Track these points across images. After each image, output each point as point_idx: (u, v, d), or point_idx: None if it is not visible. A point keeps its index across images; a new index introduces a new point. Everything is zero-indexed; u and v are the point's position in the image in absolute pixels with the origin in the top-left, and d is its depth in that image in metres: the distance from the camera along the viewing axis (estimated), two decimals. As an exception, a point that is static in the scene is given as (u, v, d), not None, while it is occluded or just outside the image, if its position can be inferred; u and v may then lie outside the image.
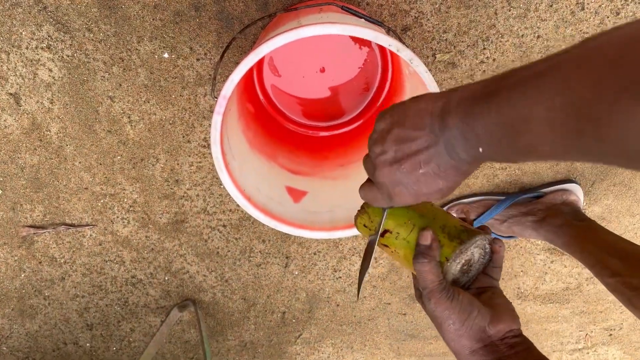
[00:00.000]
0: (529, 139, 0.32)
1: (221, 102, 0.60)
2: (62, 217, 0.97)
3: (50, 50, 0.81)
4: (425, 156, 0.40)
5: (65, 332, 1.12)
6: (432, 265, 0.46)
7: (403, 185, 0.43)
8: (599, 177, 1.00)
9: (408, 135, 0.41)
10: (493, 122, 0.34)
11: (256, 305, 1.11)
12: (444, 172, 0.40)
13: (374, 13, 0.81)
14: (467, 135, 0.37)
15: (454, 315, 0.45)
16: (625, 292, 0.74)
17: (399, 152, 0.42)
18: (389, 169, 0.43)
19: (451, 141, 0.38)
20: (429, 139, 0.40)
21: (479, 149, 0.36)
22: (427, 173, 0.41)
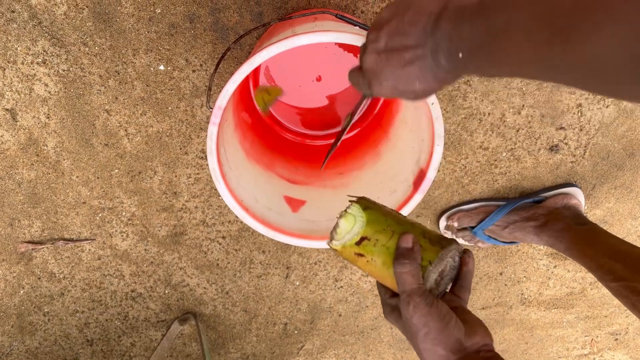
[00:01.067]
0: (504, 44, 0.33)
1: (216, 112, 0.59)
2: (60, 232, 0.96)
3: (46, 65, 0.81)
4: (411, 54, 0.42)
5: (66, 348, 1.11)
6: (413, 268, 0.45)
7: (384, 76, 0.45)
8: (600, 181, 0.99)
9: (403, 30, 0.43)
10: (478, 27, 0.36)
11: (257, 317, 1.10)
12: (422, 75, 0.42)
13: (369, 21, 0.81)
14: (453, 39, 0.38)
15: (432, 322, 0.43)
16: (630, 296, 0.73)
17: (390, 44, 0.44)
18: (376, 57, 0.45)
19: (437, 44, 0.40)
20: (419, 38, 0.41)
21: (459, 54, 0.38)
22: (408, 71, 0.43)
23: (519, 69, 0.34)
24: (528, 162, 0.96)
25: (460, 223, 0.98)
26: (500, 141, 0.94)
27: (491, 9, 0.35)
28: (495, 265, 1.08)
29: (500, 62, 0.35)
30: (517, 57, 0.33)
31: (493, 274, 1.09)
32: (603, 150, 0.96)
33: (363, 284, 1.08)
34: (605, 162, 0.98)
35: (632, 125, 0.94)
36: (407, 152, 0.73)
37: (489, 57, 0.35)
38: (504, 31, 0.33)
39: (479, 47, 0.36)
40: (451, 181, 0.97)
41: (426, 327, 0.44)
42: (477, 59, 0.37)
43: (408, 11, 0.43)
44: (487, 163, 0.96)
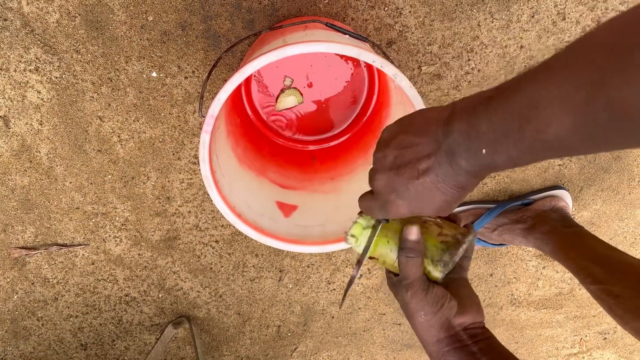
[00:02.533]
0: (537, 123, 0.31)
1: (209, 121, 0.60)
2: (53, 238, 0.97)
3: (39, 72, 0.82)
4: (426, 164, 0.39)
5: (60, 352, 1.11)
6: (418, 261, 0.47)
7: (399, 193, 0.42)
8: (587, 183, 1.01)
9: (411, 141, 0.40)
10: (499, 116, 0.33)
11: (251, 320, 1.11)
12: (442, 184, 0.39)
13: (359, 28, 0.83)
14: (471, 137, 0.36)
15: (427, 307, 0.47)
16: (607, 299, 0.75)
17: (400, 158, 0.41)
18: (387, 174, 0.42)
19: (453, 148, 0.37)
20: (431, 146, 0.39)
21: (482, 150, 0.35)
22: (425, 183, 0.40)
23: (559, 143, 0.31)
24: (517, 166, 0.98)
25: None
26: (489, 145, 0.95)
27: (510, 92, 0.33)
28: (486, 267, 1.09)
29: (536, 142, 0.32)
30: (556, 128, 0.30)
31: (483, 275, 1.10)
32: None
33: (355, 287, 1.09)
34: (592, 165, 1.00)
35: (618, 128, 0.96)
36: (397, 157, 0.74)
37: (520, 142, 0.32)
38: (532, 107, 0.31)
39: (505, 134, 0.33)
40: (441, 184, 0.98)
41: (422, 310, 0.47)
42: (505, 148, 0.34)
43: (413, 124, 0.41)
44: (477, 166, 0.97)
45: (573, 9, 0.84)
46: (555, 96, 0.30)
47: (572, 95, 0.29)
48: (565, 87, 0.29)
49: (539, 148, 0.32)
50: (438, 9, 0.82)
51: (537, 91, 0.31)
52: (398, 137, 0.42)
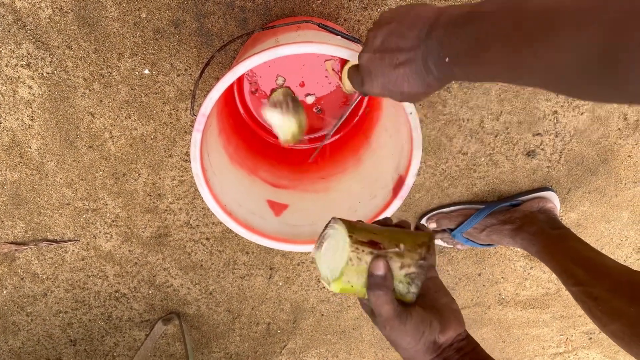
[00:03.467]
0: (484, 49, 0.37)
1: (200, 120, 0.60)
2: (43, 233, 0.97)
3: (30, 67, 0.81)
4: (404, 56, 0.44)
5: (49, 348, 1.11)
6: (388, 297, 0.47)
7: (375, 74, 0.47)
8: (575, 185, 1.03)
9: (400, 32, 0.45)
10: (465, 33, 0.39)
11: (241, 317, 1.12)
12: (412, 78, 0.44)
13: (351, 28, 0.83)
14: (443, 44, 0.41)
15: (408, 337, 0.46)
16: (587, 301, 0.76)
17: (386, 43, 0.46)
18: (372, 55, 0.47)
19: (429, 49, 0.42)
20: (413, 42, 0.43)
21: (446, 59, 0.40)
22: (399, 72, 0.45)
23: (496, 72, 0.37)
24: (506, 167, 0.99)
25: (439, 225, 1.00)
26: (479, 146, 0.96)
27: (477, 18, 0.38)
28: (474, 267, 1.10)
29: (481, 65, 0.38)
30: (495, 61, 0.36)
31: (472, 275, 1.11)
32: (578, 156, 0.99)
33: (345, 285, 1.10)
34: (580, 167, 1.01)
35: (605, 132, 0.97)
36: (387, 158, 0.75)
37: (472, 61, 0.39)
38: (485, 37, 0.37)
39: (464, 51, 0.39)
40: (431, 185, 0.99)
41: (403, 341, 0.47)
42: (462, 63, 0.40)
43: (407, 16, 0.45)
44: (466, 167, 0.98)
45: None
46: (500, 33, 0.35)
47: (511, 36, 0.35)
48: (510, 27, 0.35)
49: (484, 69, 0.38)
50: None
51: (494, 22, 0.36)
52: (392, 24, 0.46)
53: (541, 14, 0.32)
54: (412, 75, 0.44)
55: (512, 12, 0.35)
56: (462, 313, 0.52)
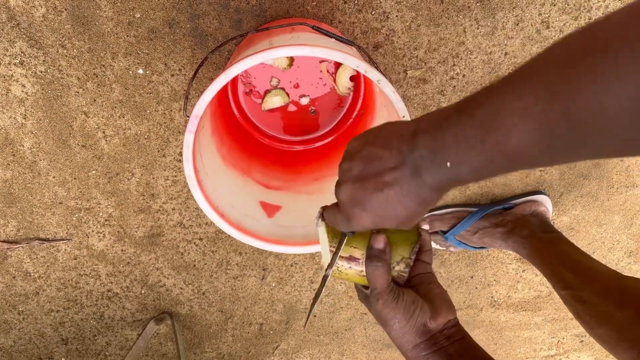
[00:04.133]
0: (498, 134, 0.32)
1: (193, 121, 0.60)
2: (36, 232, 0.96)
3: (24, 66, 0.81)
4: (390, 177, 0.40)
5: (40, 346, 1.10)
6: (384, 269, 0.48)
7: (362, 205, 0.42)
8: (567, 189, 1.03)
9: (376, 154, 0.41)
10: (463, 128, 0.34)
11: (233, 318, 1.12)
12: (405, 198, 0.40)
13: (346, 31, 0.83)
14: (435, 150, 0.36)
15: (399, 314, 0.47)
16: (575, 305, 0.76)
17: (365, 171, 0.41)
18: (352, 186, 0.42)
19: (418, 162, 0.38)
20: (397, 160, 0.39)
21: (447, 163, 0.35)
22: (388, 196, 0.40)
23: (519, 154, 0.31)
24: (499, 170, 0.99)
25: (432, 227, 1.01)
26: (472, 149, 0.96)
27: (474, 104, 0.34)
28: (467, 269, 1.11)
29: (496, 153, 0.32)
30: (516, 140, 0.31)
31: (464, 278, 1.12)
32: (570, 160, 1.00)
33: (338, 286, 1.10)
34: (572, 171, 1.01)
35: (598, 136, 0.98)
36: (380, 161, 0.75)
37: (483, 153, 0.33)
38: (494, 118, 0.32)
39: (469, 147, 0.34)
40: (425, 187, 0.99)
41: (394, 319, 0.48)
42: (470, 161, 0.34)
43: (379, 137, 0.42)
44: (460, 170, 0.98)
45: (557, 18, 0.85)
46: (515, 107, 0.30)
47: (531, 106, 0.29)
48: (525, 98, 0.30)
49: (500, 159, 0.33)
50: (425, 14, 0.83)
51: (498, 103, 0.32)
52: (364, 150, 0.42)
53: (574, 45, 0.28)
54: (405, 194, 0.39)
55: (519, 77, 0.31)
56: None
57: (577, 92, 0.27)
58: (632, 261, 1.15)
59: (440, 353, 0.48)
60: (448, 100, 0.91)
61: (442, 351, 0.48)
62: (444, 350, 0.48)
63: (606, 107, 0.26)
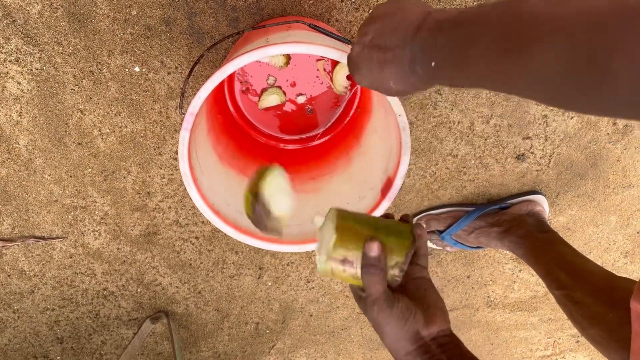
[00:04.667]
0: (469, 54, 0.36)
1: (188, 118, 0.60)
2: (31, 230, 0.96)
3: (19, 63, 0.81)
4: (391, 55, 0.44)
5: (35, 345, 1.10)
6: (380, 276, 0.49)
7: (363, 68, 0.48)
8: (564, 189, 1.03)
9: (389, 29, 0.45)
10: (450, 37, 0.38)
11: (230, 317, 1.11)
12: (397, 77, 0.45)
13: (343, 29, 0.83)
14: (428, 48, 0.41)
15: (393, 321, 0.48)
16: (568, 304, 0.76)
17: (375, 40, 0.46)
18: (361, 50, 0.48)
19: (414, 52, 0.42)
20: (399, 42, 0.44)
21: (432, 63, 0.40)
22: (385, 70, 0.45)
23: (480, 79, 0.36)
24: (495, 170, 0.99)
25: (429, 226, 1.01)
26: (469, 149, 0.96)
27: (463, 23, 0.38)
28: (463, 269, 1.11)
29: (464, 71, 0.37)
30: (479, 67, 0.36)
31: (460, 277, 1.12)
32: (567, 160, 1.00)
33: (334, 285, 1.10)
34: (569, 171, 1.02)
35: (594, 136, 0.98)
36: (377, 159, 0.75)
37: (456, 67, 0.38)
38: (470, 42, 0.36)
39: (449, 56, 0.38)
40: (421, 187, 0.99)
41: (388, 325, 0.49)
42: (447, 68, 0.39)
43: (397, 14, 0.45)
44: (456, 170, 0.98)
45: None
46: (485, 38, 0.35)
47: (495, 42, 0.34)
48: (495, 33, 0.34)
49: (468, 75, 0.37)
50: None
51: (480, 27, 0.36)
52: (383, 20, 0.46)
53: (529, 19, 0.32)
54: (398, 74, 0.45)
55: (499, 16, 0.35)
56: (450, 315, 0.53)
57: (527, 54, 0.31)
58: (628, 261, 1.15)
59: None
60: (444, 100, 0.91)
61: (433, 358, 0.48)
62: (436, 358, 0.48)
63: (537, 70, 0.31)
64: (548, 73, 0.30)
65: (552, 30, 0.29)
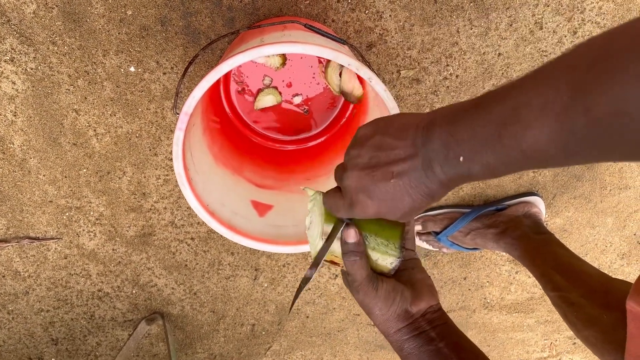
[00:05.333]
0: (516, 130, 0.31)
1: (183, 118, 0.60)
2: (25, 231, 0.96)
3: (14, 63, 0.81)
4: (400, 167, 0.39)
5: (30, 346, 1.09)
6: (363, 262, 0.49)
7: (368, 193, 0.42)
8: (560, 190, 1.03)
9: (389, 143, 0.40)
10: (479, 123, 0.34)
11: (225, 318, 1.11)
12: (412, 190, 0.39)
13: (339, 30, 0.83)
14: (450, 144, 0.36)
15: (380, 302, 0.48)
16: (562, 306, 0.76)
17: (375, 159, 0.41)
18: (359, 173, 0.42)
19: (431, 155, 0.37)
20: (409, 151, 0.39)
21: (460, 158, 0.35)
22: (396, 186, 0.40)
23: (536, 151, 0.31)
24: (492, 171, 0.99)
25: (425, 227, 1.00)
26: (465, 150, 0.96)
27: (492, 100, 0.33)
28: (460, 270, 1.10)
29: (513, 150, 0.32)
30: (533, 136, 0.30)
31: (457, 279, 1.12)
32: (563, 162, 1.00)
33: (330, 287, 1.09)
34: (566, 173, 1.01)
35: (591, 138, 0.98)
36: (373, 160, 0.75)
37: (498, 150, 0.33)
38: (513, 114, 0.31)
39: (484, 142, 0.33)
40: (418, 188, 0.99)
41: (375, 307, 0.49)
42: (483, 156, 0.34)
43: (391, 126, 0.41)
44: (453, 171, 0.98)
45: (550, 19, 0.85)
46: (536, 103, 0.30)
47: (552, 101, 0.29)
48: (546, 94, 0.30)
49: (515, 156, 0.32)
50: (418, 14, 0.82)
51: (518, 98, 0.31)
52: (376, 137, 0.42)
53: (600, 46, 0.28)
54: (413, 186, 0.39)
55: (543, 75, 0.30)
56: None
57: (599, 91, 0.27)
58: (624, 263, 1.15)
59: (421, 336, 0.49)
60: (441, 101, 0.91)
61: (423, 335, 0.49)
62: (425, 334, 0.49)
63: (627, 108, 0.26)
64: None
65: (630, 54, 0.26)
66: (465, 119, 0.35)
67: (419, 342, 0.49)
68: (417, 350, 0.48)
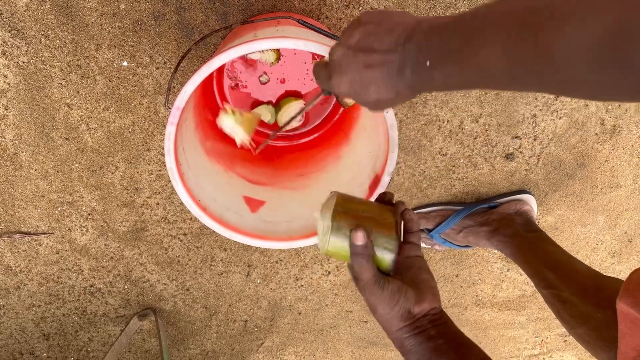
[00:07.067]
0: (476, 43, 0.35)
1: (174, 113, 0.60)
2: (17, 225, 0.95)
3: (6, 56, 0.80)
4: (379, 58, 0.43)
5: (21, 342, 1.09)
6: (368, 263, 0.51)
7: (347, 70, 0.46)
8: (552, 189, 1.04)
9: (378, 34, 0.44)
10: (450, 34, 0.38)
11: (218, 314, 1.11)
12: (382, 84, 0.43)
13: (333, 26, 0.83)
14: (422, 48, 0.40)
15: (384, 302, 0.51)
16: (555, 303, 0.77)
17: (361, 42, 0.45)
18: (346, 51, 0.46)
19: (406, 54, 0.41)
20: (391, 46, 0.43)
21: (427, 62, 0.39)
22: (370, 74, 0.44)
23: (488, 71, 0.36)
24: (484, 169, 0.99)
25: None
26: (458, 148, 0.97)
27: (465, 20, 0.38)
28: (452, 268, 1.11)
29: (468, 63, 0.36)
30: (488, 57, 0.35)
31: (449, 276, 1.12)
32: (555, 160, 1.00)
33: (323, 283, 1.10)
34: (557, 171, 1.02)
35: (583, 136, 0.98)
36: (365, 157, 0.75)
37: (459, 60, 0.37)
38: (477, 32, 0.36)
39: (449, 52, 0.38)
40: (410, 185, 1.00)
41: (380, 306, 0.51)
42: (445, 65, 0.39)
43: (387, 20, 0.45)
44: (446, 168, 0.98)
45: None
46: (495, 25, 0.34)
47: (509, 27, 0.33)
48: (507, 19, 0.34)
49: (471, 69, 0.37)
50: (412, 11, 0.83)
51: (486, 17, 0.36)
52: (370, 25, 0.45)
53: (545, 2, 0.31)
54: (383, 79, 0.43)
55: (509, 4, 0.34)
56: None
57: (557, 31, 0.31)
58: (615, 261, 1.16)
59: (422, 335, 0.51)
60: (434, 98, 0.91)
61: (424, 333, 0.51)
62: (425, 332, 0.51)
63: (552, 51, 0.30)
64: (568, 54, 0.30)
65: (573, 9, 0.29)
66: (441, 30, 0.39)
67: (419, 340, 0.51)
68: (417, 347, 0.51)
